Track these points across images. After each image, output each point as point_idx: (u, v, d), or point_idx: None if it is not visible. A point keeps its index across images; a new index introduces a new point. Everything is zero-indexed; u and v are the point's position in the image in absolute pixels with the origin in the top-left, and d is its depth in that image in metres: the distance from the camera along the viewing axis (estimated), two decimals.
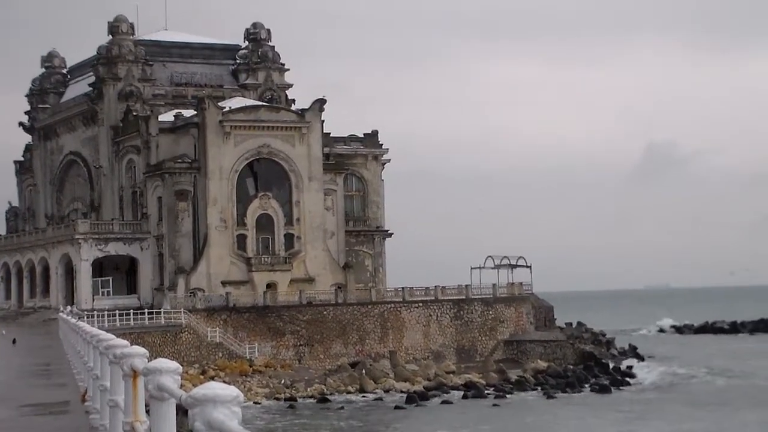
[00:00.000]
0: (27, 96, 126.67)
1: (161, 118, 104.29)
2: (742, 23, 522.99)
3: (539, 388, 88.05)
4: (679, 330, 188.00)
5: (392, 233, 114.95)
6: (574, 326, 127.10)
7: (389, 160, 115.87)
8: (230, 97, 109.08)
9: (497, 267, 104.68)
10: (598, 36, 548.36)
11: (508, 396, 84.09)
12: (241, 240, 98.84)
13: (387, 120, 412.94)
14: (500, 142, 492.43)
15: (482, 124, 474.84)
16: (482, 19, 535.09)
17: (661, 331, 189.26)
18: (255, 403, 78.10)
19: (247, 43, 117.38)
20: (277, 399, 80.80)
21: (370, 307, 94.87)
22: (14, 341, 56.12)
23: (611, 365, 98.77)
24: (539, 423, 72.43)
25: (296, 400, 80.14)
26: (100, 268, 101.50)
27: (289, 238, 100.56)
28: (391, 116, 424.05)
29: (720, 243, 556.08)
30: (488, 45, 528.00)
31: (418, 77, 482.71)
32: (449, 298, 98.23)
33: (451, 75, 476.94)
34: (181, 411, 7.54)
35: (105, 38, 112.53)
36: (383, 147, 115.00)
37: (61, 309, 74.61)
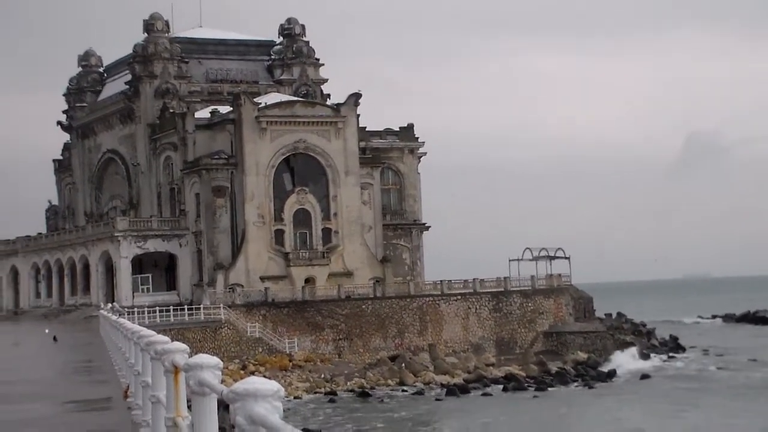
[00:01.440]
0: (64, 95, 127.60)
1: (197, 114, 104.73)
2: None
3: (580, 379, 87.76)
4: (722, 319, 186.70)
5: (429, 226, 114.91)
6: (613, 317, 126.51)
7: (425, 154, 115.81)
8: (265, 93, 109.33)
9: (536, 259, 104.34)
10: (638, 28, 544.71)
11: (549, 388, 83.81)
12: (279, 235, 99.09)
13: (423, 113, 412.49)
14: (538, 135, 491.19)
15: (521, 117, 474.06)
16: (521, 13, 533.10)
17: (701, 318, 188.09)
18: (295, 397, 78.28)
19: (281, 38, 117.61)
20: (318, 393, 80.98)
21: (408, 300, 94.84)
22: (55, 339, 56.53)
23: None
24: (576, 414, 72.30)
25: (336, 395, 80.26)
26: (139, 265, 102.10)
27: (327, 233, 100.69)
28: (427, 109, 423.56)
29: (761, 230, 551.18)
30: (527, 40, 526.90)
31: (455, 72, 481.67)
32: (488, 290, 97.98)
33: (489, 69, 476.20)
34: (223, 406, 7.54)
35: (141, 36, 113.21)
36: (419, 140, 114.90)
37: (102, 306, 75.08)
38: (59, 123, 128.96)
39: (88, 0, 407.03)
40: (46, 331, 67.49)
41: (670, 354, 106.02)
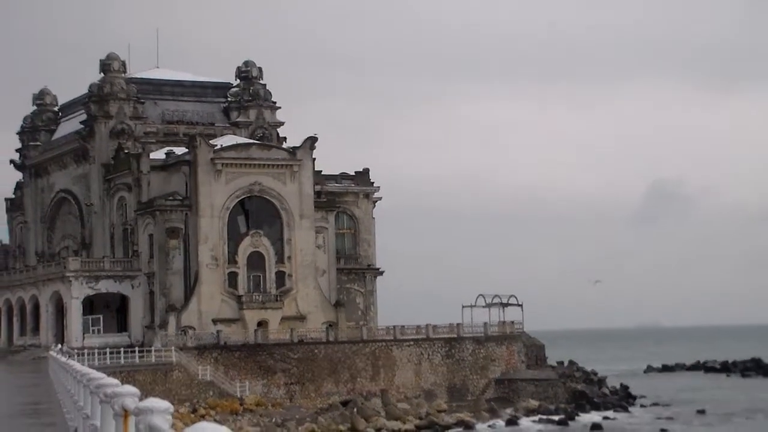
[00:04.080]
0: (18, 134, 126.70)
1: (152, 155, 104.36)
2: (744, 63, 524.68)
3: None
4: (672, 369, 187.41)
5: (383, 271, 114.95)
6: (565, 365, 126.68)
7: (380, 198, 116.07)
8: (221, 135, 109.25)
9: (489, 305, 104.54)
10: (599, 76, 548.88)
11: None
12: (233, 278, 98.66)
13: (379, 158, 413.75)
14: (494, 181, 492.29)
15: (476, 162, 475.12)
16: (475, 59, 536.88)
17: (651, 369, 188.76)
18: None
19: (238, 81, 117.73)
20: None
21: (361, 345, 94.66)
22: None
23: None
24: None
25: None
26: (90, 305, 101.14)
27: (281, 276, 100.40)
28: (383, 154, 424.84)
29: (714, 281, 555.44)
30: (487, 86, 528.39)
31: (414, 116, 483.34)
32: (441, 336, 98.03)
33: (447, 114, 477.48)
34: None
35: (97, 76, 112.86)
36: (374, 185, 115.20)
37: (52, 347, 74.25)
38: (12, 162, 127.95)
39: (44, 39, 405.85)
40: None
41: (620, 403, 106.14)
